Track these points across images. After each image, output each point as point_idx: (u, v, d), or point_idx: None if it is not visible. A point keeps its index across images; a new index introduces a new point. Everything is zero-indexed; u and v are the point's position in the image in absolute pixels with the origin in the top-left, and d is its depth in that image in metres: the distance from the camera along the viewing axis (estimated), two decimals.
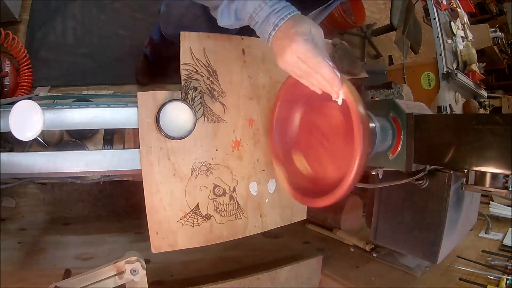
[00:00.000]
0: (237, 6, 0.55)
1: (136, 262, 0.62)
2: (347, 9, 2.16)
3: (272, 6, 0.53)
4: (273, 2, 0.53)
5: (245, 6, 0.54)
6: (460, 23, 1.84)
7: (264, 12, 0.53)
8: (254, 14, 0.54)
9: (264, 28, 0.54)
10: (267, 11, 0.53)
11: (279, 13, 0.53)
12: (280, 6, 0.53)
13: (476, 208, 1.16)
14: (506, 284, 0.95)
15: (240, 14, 0.56)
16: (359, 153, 0.53)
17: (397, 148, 0.73)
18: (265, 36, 0.55)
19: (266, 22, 0.54)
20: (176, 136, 0.65)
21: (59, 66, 1.42)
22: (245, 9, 0.54)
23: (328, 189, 0.59)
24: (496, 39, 3.00)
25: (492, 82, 3.64)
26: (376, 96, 1.47)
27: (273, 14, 0.53)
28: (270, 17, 0.53)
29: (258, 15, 0.54)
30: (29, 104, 0.59)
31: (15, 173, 0.62)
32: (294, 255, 1.12)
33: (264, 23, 0.54)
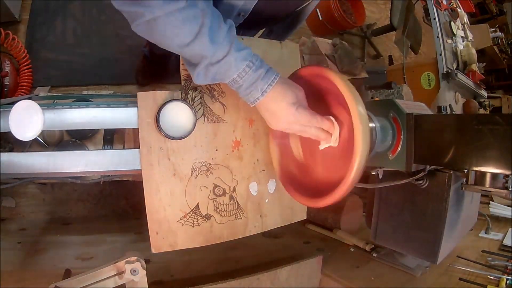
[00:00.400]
0: (217, 70, 0.53)
1: (136, 262, 0.62)
2: (347, 9, 2.16)
3: (257, 70, 0.53)
4: (256, 66, 0.53)
5: (228, 71, 0.53)
6: (460, 23, 1.85)
7: (249, 77, 0.53)
8: (239, 79, 0.53)
9: (251, 92, 0.55)
10: (253, 77, 0.53)
11: (265, 78, 0.54)
12: (264, 71, 0.54)
13: (476, 208, 1.16)
14: (506, 284, 0.95)
15: (221, 77, 0.54)
16: (359, 153, 0.52)
17: (397, 148, 0.73)
18: (250, 99, 0.56)
19: (253, 87, 0.54)
20: (176, 136, 0.65)
21: (59, 66, 1.42)
22: (228, 73, 0.53)
23: (328, 189, 0.59)
24: (496, 39, 3.00)
25: (492, 82, 3.64)
26: (376, 96, 1.47)
27: (260, 80, 0.54)
28: (258, 83, 0.54)
29: (243, 79, 0.53)
30: (29, 104, 0.59)
31: (15, 173, 0.62)
32: (294, 255, 1.12)
33: (250, 88, 0.54)
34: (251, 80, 0.53)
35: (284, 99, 0.55)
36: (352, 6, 2.22)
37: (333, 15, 2.00)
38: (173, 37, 0.49)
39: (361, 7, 2.25)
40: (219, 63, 0.52)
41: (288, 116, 0.56)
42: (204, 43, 0.49)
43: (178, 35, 0.48)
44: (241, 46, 0.53)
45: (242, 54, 0.52)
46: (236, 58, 0.51)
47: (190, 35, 0.48)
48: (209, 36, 0.49)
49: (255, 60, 0.54)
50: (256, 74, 0.53)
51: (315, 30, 2.16)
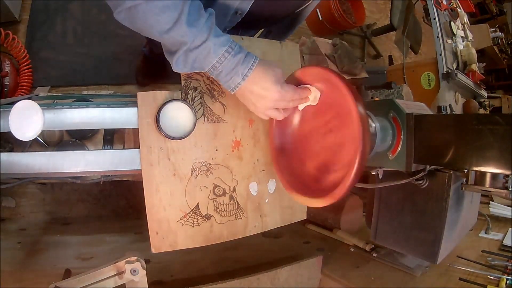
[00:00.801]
0: (197, 56, 0.53)
1: (136, 262, 0.62)
2: (347, 9, 2.17)
3: (236, 55, 0.54)
4: (235, 51, 0.54)
5: (207, 57, 0.53)
6: (460, 23, 1.85)
7: (229, 62, 0.54)
8: (218, 64, 0.54)
9: (232, 78, 0.55)
10: (232, 62, 0.54)
11: (245, 62, 0.55)
12: (243, 55, 0.55)
13: (476, 208, 1.16)
14: (506, 284, 0.95)
15: (201, 63, 0.54)
16: (359, 153, 0.52)
17: (397, 148, 0.73)
18: (231, 85, 0.56)
19: (234, 73, 0.55)
20: (176, 136, 0.65)
21: (59, 66, 1.42)
22: (207, 59, 0.53)
23: (328, 189, 0.59)
24: (496, 39, 3.00)
25: (492, 82, 3.65)
26: (376, 96, 1.47)
27: (240, 65, 0.54)
28: (238, 68, 0.54)
29: (222, 64, 0.54)
30: (29, 104, 0.59)
31: (15, 173, 0.62)
32: (294, 255, 1.12)
33: (230, 73, 0.55)
34: (231, 66, 0.54)
35: (267, 79, 0.56)
36: (352, 6, 2.22)
37: (333, 15, 2.00)
38: (154, 24, 0.49)
39: (361, 7, 2.25)
40: (198, 48, 0.52)
41: (274, 95, 0.57)
42: (183, 29, 0.49)
43: (158, 21, 0.49)
44: (219, 32, 0.54)
45: (221, 40, 0.53)
46: (215, 43, 0.52)
47: (170, 22, 0.49)
48: (188, 22, 0.49)
49: (234, 46, 0.54)
50: (235, 59, 0.54)
51: (315, 30, 2.16)
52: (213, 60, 0.53)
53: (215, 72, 0.55)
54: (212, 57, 0.53)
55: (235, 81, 0.56)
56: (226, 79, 0.56)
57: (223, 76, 0.55)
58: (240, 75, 0.55)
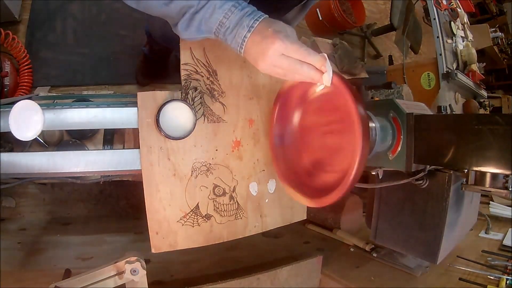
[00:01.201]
0: (203, 16, 0.52)
1: (136, 262, 0.62)
2: (347, 9, 2.17)
3: (243, 9, 0.52)
4: (242, 6, 0.53)
5: (213, 14, 0.52)
6: (460, 23, 1.85)
7: (235, 16, 0.52)
8: (225, 20, 0.52)
9: (238, 31, 0.53)
10: (238, 15, 0.52)
11: (252, 15, 0.53)
12: (250, 9, 0.53)
13: (476, 208, 1.16)
14: (506, 284, 0.95)
15: (207, 23, 0.53)
16: (359, 153, 0.52)
17: (397, 148, 0.73)
18: (238, 40, 0.54)
19: (239, 25, 0.52)
20: (176, 136, 0.65)
21: (59, 66, 1.42)
22: (214, 16, 0.52)
23: (328, 189, 0.59)
24: (496, 39, 3.01)
25: (492, 82, 3.65)
26: (376, 96, 1.47)
27: (245, 16, 0.52)
28: (243, 20, 0.52)
29: (229, 19, 0.52)
30: (29, 104, 0.59)
31: (15, 173, 0.62)
32: (294, 255, 1.12)
33: (237, 27, 0.53)
34: (237, 19, 0.52)
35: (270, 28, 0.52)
36: (352, 6, 2.22)
37: (333, 15, 2.00)
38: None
39: (361, 7, 2.25)
40: (204, 7, 0.52)
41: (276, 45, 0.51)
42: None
43: None
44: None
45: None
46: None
47: None
48: None
49: (241, 2, 0.53)
50: (241, 13, 0.52)
51: (315, 30, 2.16)
52: (220, 16, 0.52)
53: (223, 29, 0.53)
54: (218, 13, 0.52)
55: (241, 34, 0.53)
56: (232, 35, 0.53)
57: (229, 32, 0.53)
58: (246, 26, 0.52)
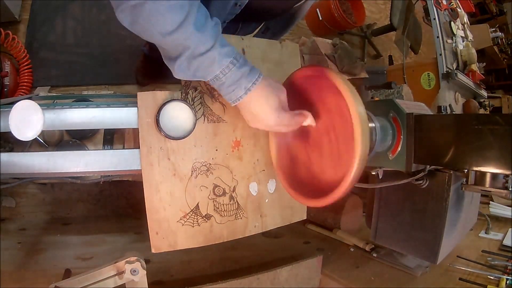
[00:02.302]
0: (199, 64, 0.51)
1: (136, 262, 0.62)
2: (347, 9, 2.17)
3: (240, 68, 0.52)
4: (240, 63, 0.53)
5: (211, 66, 0.52)
6: (460, 23, 1.85)
7: (233, 75, 0.52)
8: (221, 75, 0.52)
9: (234, 91, 0.54)
10: (237, 74, 0.52)
11: (250, 76, 0.53)
12: (248, 69, 0.53)
13: (476, 208, 1.16)
14: (506, 284, 0.95)
15: (203, 72, 0.53)
16: (359, 153, 0.52)
17: (397, 148, 0.73)
18: (232, 97, 0.55)
19: (236, 85, 0.53)
20: (176, 136, 0.65)
21: (59, 66, 1.42)
22: (211, 68, 0.52)
23: (328, 189, 0.59)
24: (496, 39, 3.00)
25: (492, 82, 3.65)
26: (376, 96, 1.47)
27: (243, 78, 0.53)
28: (242, 81, 0.53)
29: (226, 76, 0.52)
30: (29, 104, 0.59)
31: (15, 173, 0.62)
32: (294, 255, 1.12)
33: (233, 85, 0.53)
34: (234, 78, 0.53)
35: (267, 101, 0.56)
36: (352, 6, 2.22)
37: (333, 15, 2.00)
38: (157, 24, 0.47)
39: (361, 7, 2.25)
40: (202, 56, 0.50)
41: (270, 120, 0.57)
42: (188, 31, 0.48)
43: (162, 22, 0.47)
44: (225, 42, 0.52)
45: (226, 50, 0.51)
46: (220, 53, 0.51)
47: (175, 23, 0.47)
48: (194, 25, 0.48)
49: (239, 58, 0.53)
50: (239, 72, 0.53)
51: (315, 30, 2.16)
52: (217, 71, 0.52)
53: (218, 82, 0.54)
54: (216, 67, 0.52)
55: (237, 94, 0.54)
56: (227, 91, 0.55)
57: (225, 87, 0.54)
58: (243, 88, 0.54)
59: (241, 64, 0.53)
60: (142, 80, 1.46)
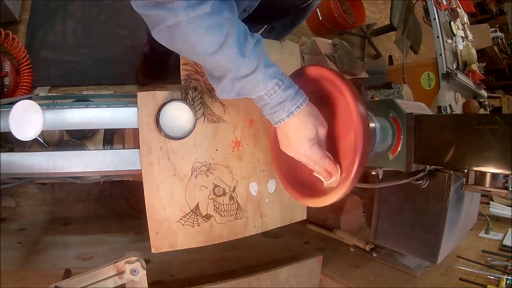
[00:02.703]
0: (243, 85, 0.51)
1: (136, 262, 0.62)
2: (347, 9, 2.17)
3: (286, 90, 0.51)
4: (285, 85, 0.52)
5: (255, 88, 0.51)
6: (460, 23, 1.85)
7: (278, 96, 0.52)
8: (266, 97, 0.52)
9: (277, 112, 0.53)
10: (281, 96, 0.52)
11: (294, 100, 0.53)
12: (293, 91, 0.53)
13: (476, 208, 1.16)
14: (506, 284, 0.95)
15: (247, 92, 0.52)
16: (359, 153, 0.52)
17: (397, 148, 0.73)
18: (275, 119, 0.55)
19: (280, 107, 0.52)
20: (176, 136, 0.65)
21: (59, 66, 1.42)
22: (255, 89, 0.51)
23: (328, 189, 0.59)
24: (496, 39, 3.00)
25: (492, 82, 3.65)
26: (376, 96, 1.47)
27: (288, 101, 0.52)
28: (285, 104, 0.52)
29: (270, 97, 0.52)
30: (29, 104, 0.59)
31: (15, 173, 0.62)
32: (294, 255, 1.12)
33: (276, 107, 0.53)
34: (278, 100, 0.52)
35: (305, 131, 0.54)
36: (352, 6, 2.22)
37: (333, 15, 2.00)
38: (196, 45, 0.46)
39: (361, 7, 2.25)
40: (246, 78, 0.49)
41: (301, 149, 0.55)
42: (230, 54, 0.47)
43: (201, 43, 0.46)
44: (269, 62, 0.51)
45: (271, 72, 0.50)
46: (264, 74, 0.49)
47: (215, 44, 0.46)
48: (236, 46, 0.46)
49: (284, 79, 0.52)
50: (285, 94, 0.52)
51: (315, 30, 2.16)
52: (261, 92, 0.51)
53: (262, 102, 0.53)
54: (260, 88, 0.51)
55: (279, 115, 0.54)
56: (270, 112, 0.54)
57: (268, 108, 0.53)
58: (286, 111, 0.53)
59: (286, 86, 0.52)
60: (142, 80, 1.46)
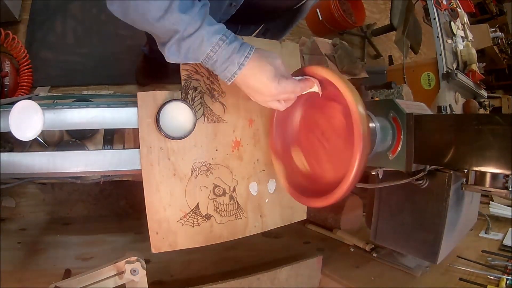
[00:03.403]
0: (190, 44, 0.52)
1: (136, 262, 0.62)
2: (347, 9, 2.17)
3: (231, 44, 0.53)
4: (229, 39, 0.53)
5: (201, 46, 0.52)
6: (460, 23, 1.85)
7: (223, 51, 0.52)
8: (212, 53, 0.52)
9: (228, 67, 0.54)
10: (227, 50, 0.53)
11: (241, 51, 0.53)
12: (238, 44, 0.53)
13: (476, 208, 1.16)
14: (506, 284, 0.95)
15: (194, 53, 0.53)
16: (359, 153, 0.52)
17: (397, 148, 0.73)
18: (227, 75, 0.55)
19: (229, 62, 0.53)
20: (176, 136, 0.65)
21: (59, 66, 1.42)
22: (201, 48, 0.52)
23: (328, 189, 0.59)
24: (496, 39, 3.00)
25: (492, 82, 3.65)
26: (376, 96, 1.47)
27: (235, 53, 0.53)
28: (234, 57, 0.53)
29: (217, 53, 0.52)
30: (29, 104, 0.59)
31: (15, 173, 0.62)
32: (294, 255, 1.12)
33: (226, 62, 0.53)
34: (225, 54, 0.53)
35: (264, 73, 0.54)
36: (352, 6, 2.22)
37: (333, 15, 2.00)
38: (145, 12, 0.49)
39: (361, 7, 2.25)
40: (191, 37, 0.51)
41: (271, 90, 0.55)
42: (175, 16, 0.49)
43: (149, 9, 0.48)
44: (213, 21, 0.53)
45: (215, 28, 0.52)
46: (208, 31, 0.51)
47: (161, 9, 0.48)
48: (180, 9, 0.49)
49: (228, 34, 0.53)
50: (230, 47, 0.52)
51: (315, 30, 2.16)
52: (207, 49, 0.52)
53: (210, 61, 0.54)
54: (205, 46, 0.52)
55: (230, 70, 0.54)
56: (221, 69, 0.54)
57: (218, 65, 0.54)
58: (236, 64, 0.53)
59: (230, 40, 0.53)
60: (142, 80, 1.46)
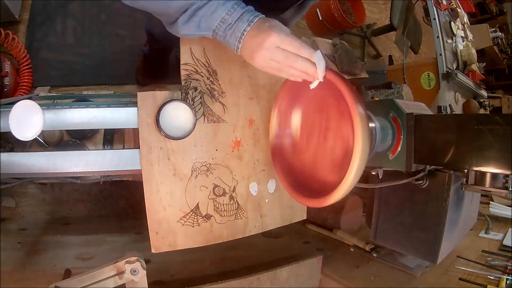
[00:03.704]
0: (205, 13, 0.55)
1: (136, 262, 0.62)
2: (347, 9, 2.17)
3: (244, 8, 0.56)
4: (243, 5, 0.56)
5: (216, 11, 0.55)
6: (460, 23, 1.85)
7: (237, 13, 0.55)
8: (227, 16, 0.55)
9: (238, 25, 0.55)
10: (240, 12, 0.55)
11: (252, 12, 0.56)
12: (251, 8, 0.57)
13: (476, 208, 1.16)
14: (506, 284, 0.95)
15: (208, 20, 0.56)
16: (359, 153, 0.52)
17: (397, 148, 0.73)
18: (237, 34, 0.56)
19: (240, 20, 0.55)
20: (176, 136, 0.65)
21: (59, 66, 1.42)
22: (216, 13, 0.55)
23: (328, 189, 0.59)
24: (496, 39, 3.00)
25: (492, 82, 3.65)
26: (376, 96, 1.47)
27: (246, 12, 0.56)
28: (244, 15, 0.55)
29: (231, 16, 0.55)
30: (29, 104, 0.59)
31: (15, 173, 0.62)
32: (294, 255, 1.12)
33: (237, 21, 0.55)
34: (238, 15, 0.55)
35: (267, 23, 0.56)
36: (352, 6, 2.22)
37: (333, 15, 2.00)
38: None
39: (361, 7, 2.25)
40: (207, 5, 0.54)
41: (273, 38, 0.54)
42: None
43: None
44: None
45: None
46: None
47: None
48: None
49: (239, 3, 0.56)
50: (243, 10, 0.55)
51: (315, 30, 2.16)
52: (223, 13, 0.55)
53: (224, 26, 0.56)
54: (221, 10, 0.55)
55: (240, 28, 0.55)
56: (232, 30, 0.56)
57: (230, 27, 0.56)
58: (246, 21, 0.55)
59: (243, 6, 0.56)
60: (142, 80, 1.46)
